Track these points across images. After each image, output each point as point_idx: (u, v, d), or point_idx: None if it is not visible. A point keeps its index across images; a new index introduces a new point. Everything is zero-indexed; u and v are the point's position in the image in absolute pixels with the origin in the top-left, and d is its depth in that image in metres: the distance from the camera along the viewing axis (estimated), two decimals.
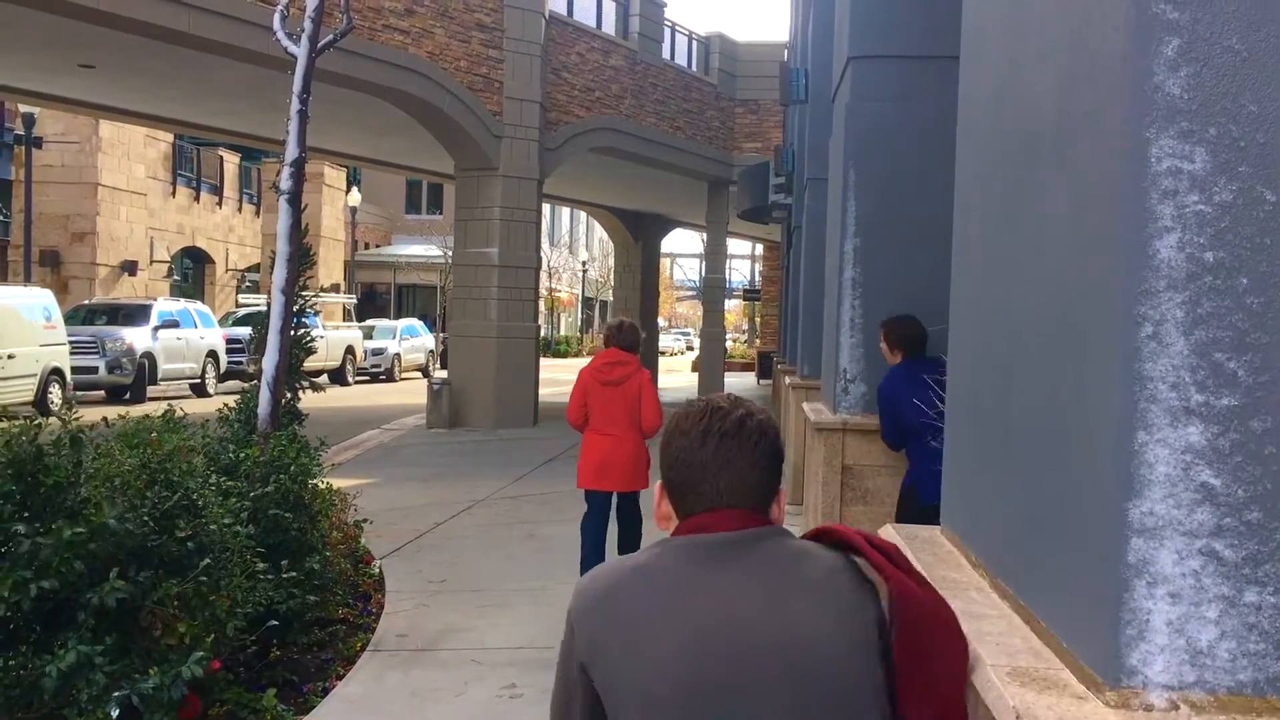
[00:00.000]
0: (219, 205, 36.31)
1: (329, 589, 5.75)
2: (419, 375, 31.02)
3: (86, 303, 23.61)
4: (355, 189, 37.66)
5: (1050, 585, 1.73)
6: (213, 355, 23.30)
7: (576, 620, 1.58)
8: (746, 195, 21.08)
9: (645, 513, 6.54)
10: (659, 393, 6.96)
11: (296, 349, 7.19)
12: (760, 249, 43.60)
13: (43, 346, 17.44)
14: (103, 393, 20.26)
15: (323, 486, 6.23)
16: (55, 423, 4.31)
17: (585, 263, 58.84)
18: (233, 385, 21.27)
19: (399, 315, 39.76)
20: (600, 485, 6.67)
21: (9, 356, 16.46)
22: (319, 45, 6.64)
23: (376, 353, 30.40)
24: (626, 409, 6.57)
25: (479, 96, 17.02)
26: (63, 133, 27.62)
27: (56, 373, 17.76)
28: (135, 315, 21.65)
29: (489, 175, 17.43)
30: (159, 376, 21.30)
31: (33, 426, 4.15)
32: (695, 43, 24.37)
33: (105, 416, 4.90)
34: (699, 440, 1.61)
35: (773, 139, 23.17)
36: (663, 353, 42.14)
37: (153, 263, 31.12)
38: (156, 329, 21.40)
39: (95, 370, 19.83)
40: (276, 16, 6.83)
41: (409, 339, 32.31)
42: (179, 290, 32.26)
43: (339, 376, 27.36)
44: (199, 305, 25.03)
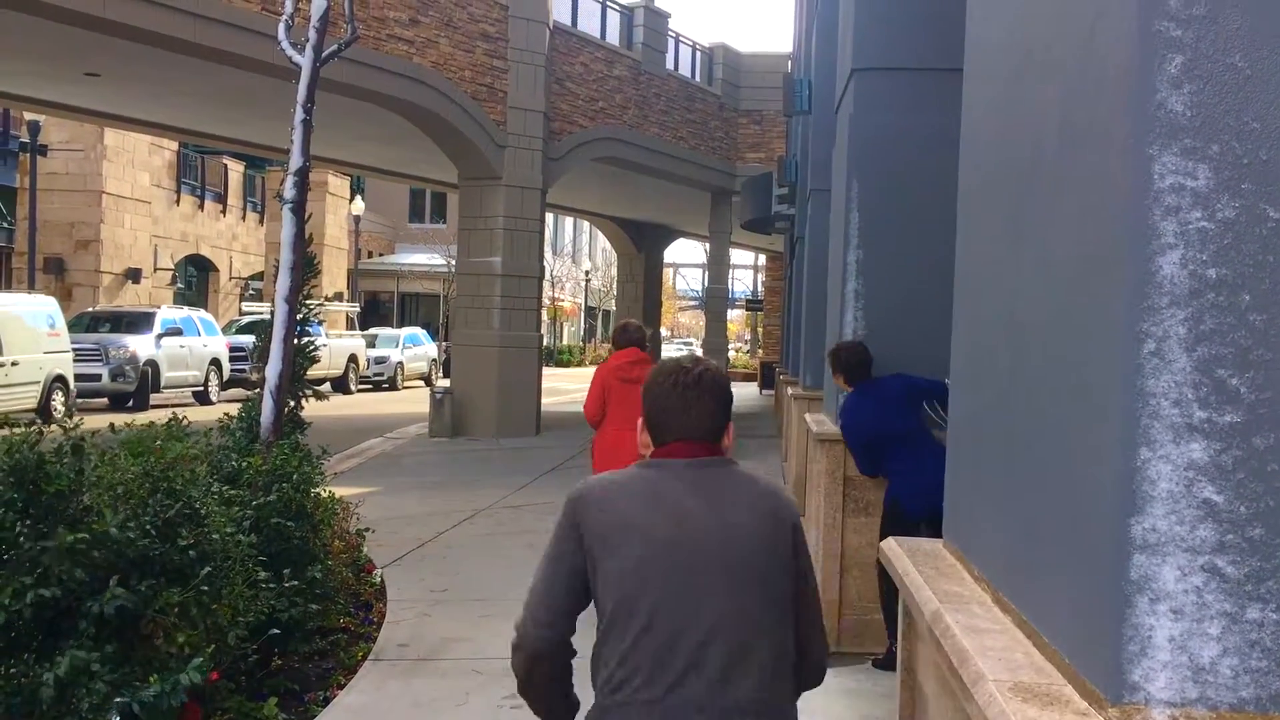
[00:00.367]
0: (223, 213, 36.35)
1: (331, 598, 5.75)
2: (422, 384, 31.02)
3: (90, 310, 23.61)
4: (359, 198, 37.69)
5: (1053, 600, 1.73)
6: (216, 363, 23.29)
7: (580, 514, 2.14)
8: (749, 206, 21.12)
9: None
10: None
11: (299, 357, 7.19)
12: (763, 259, 43.66)
13: (46, 354, 17.43)
14: (106, 400, 20.26)
15: (325, 495, 6.23)
16: (58, 430, 4.32)
17: (588, 272, 58.87)
18: (236, 393, 21.26)
19: (402, 324, 39.84)
20: None
21: (12, 364, 16.46)
22: (324, 55, 6.66)
23: (379, 361, 30.39)
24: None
25: (483, 106, 17.05)
26: (68, 140, 27.68)
27: (60, 380, 17.74)
28: (139, 323, 21.64)
29: (492, 184, 17.44)
30: (162, 384, 21.27)
31: (35, 434, 4.15)
32: (699, 53, 24.42)
33: (112, 424, 4.91)
34: (670, 389, 2.20)
35: (776, 150, 23.21)
36: None
37: (156, 270, 31.17)
38: (160, 337, 21.39)
39: (99, 378, 19.80)
40: (281, 26, 6.84)
41: (412, 348, 32.32)
42: (183, 298, 32.25)
43: (342, 385, 27.35)
44: (202, 313, 25.06)
